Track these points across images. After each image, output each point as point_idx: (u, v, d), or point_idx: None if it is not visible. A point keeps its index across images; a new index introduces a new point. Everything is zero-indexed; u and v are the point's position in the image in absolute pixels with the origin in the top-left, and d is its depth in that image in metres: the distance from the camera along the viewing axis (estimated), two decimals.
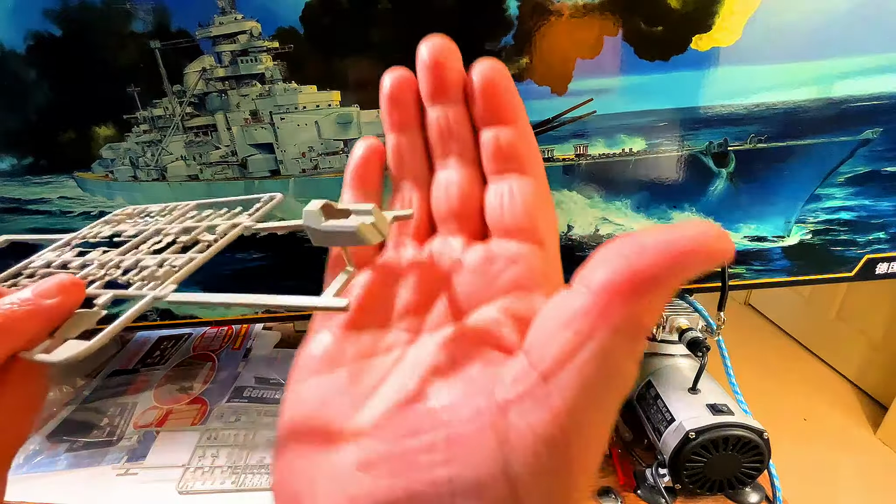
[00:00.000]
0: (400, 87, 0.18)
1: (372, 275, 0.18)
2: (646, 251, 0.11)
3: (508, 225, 0.17)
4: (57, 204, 0.47)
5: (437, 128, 0.18)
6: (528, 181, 0.17)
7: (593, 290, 0.12)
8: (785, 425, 1.44)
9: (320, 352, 0.17)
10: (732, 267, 0.49)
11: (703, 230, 0.11)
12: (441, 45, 0.17)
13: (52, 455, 0.53)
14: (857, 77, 0.41)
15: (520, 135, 0.17)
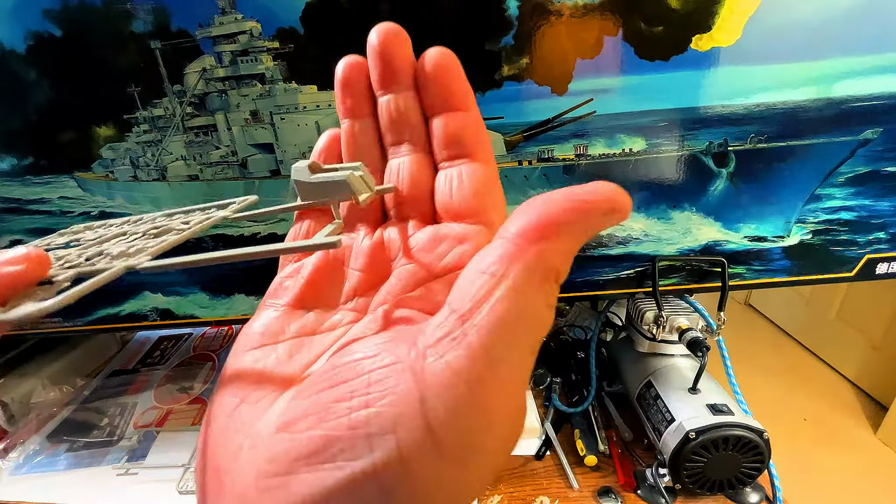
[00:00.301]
0: (352, 72, 0.18)
1: (322, 257, 0.19)
2: (551, 202, 0.13)
3: (457, 208, 0.17)
4: (57, 204, 0.47)
5: (387, 114, 0.18)
6: (477, 166, 0.17)
7: (506, 237, 0.13)
8: (785, 425, 1.44)
9: (262, 327, 0.17)
10: (732, 267, 0.49)
11: (601, 186, 0.13)
12: (390, 30, 0.17)
13: (52, 455, 0.53)
14: (857, 77, 0.41)
15: (469, 121, 0.17)
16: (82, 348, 0.67)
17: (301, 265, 0.19)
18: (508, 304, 0.12)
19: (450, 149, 0.18)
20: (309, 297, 0.18)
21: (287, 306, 0.18)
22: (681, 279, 0.50)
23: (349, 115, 0.19)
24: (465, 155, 0.17)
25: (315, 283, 0.18)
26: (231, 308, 0.52)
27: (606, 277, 0.50)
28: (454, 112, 0.17)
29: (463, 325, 0.12)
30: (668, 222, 0.47)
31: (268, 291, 0.19)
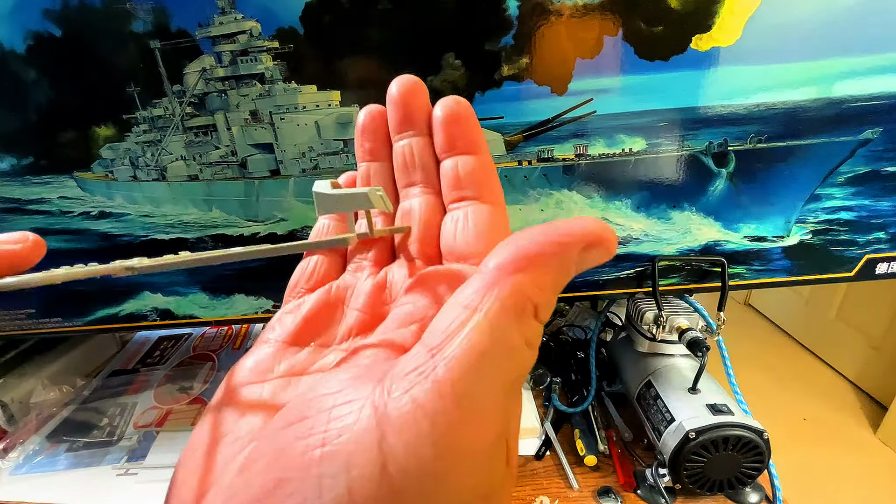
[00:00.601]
0: (373, 119, 0.20)
1: (323, 294, 0.19)
2: (530, 235, 0.13)
3: (460, 249, 0.17)
4: (57, 204, 0.47)
5: (401, 157, 0.19)
6: (484, 208, 0.18)
7: (483, 271, 0.13)
8: (785, 425, 1.44)
9: (253, 364, 0.17)
10: (732, 267, 0.49)
11: (583, 221, 0.13)
12: (409, 82, 0.18)
13: (52, 455, 0.53)
14: (857, 77, 0.41)
15: (479, 164, 0.18)
16: (82, 348, 0.67)
17: (302, 301, 0.19)
18: (480, 337, 0.12)
19: (458, 190, 0.18)
20: (305, 335, 0.18)
21: (282, 342, 0.17)
22: (681, 279, 0.50)
23: (368, 158, 0.20)
24: (473, 197, 0.18)
25: (312, 321, 0.18)
26: (231, 308, 0.52)
27: (606, 277, 0.50)
28: (464, 155, 0.18)
29: (433, 358, 0.12)
30: (668, 222, 0.47)
31: (267, 325, 0.19)
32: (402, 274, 0.18)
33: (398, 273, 0.18)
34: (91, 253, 0.49)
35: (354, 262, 0.20)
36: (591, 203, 0.46)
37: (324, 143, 0.45)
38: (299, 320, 0.18)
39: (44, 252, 0.15)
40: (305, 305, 0.18)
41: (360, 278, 0.19)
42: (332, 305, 0.18)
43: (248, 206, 0.47)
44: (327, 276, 0.20)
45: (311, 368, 0.16)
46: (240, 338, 0.72)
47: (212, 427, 0.15)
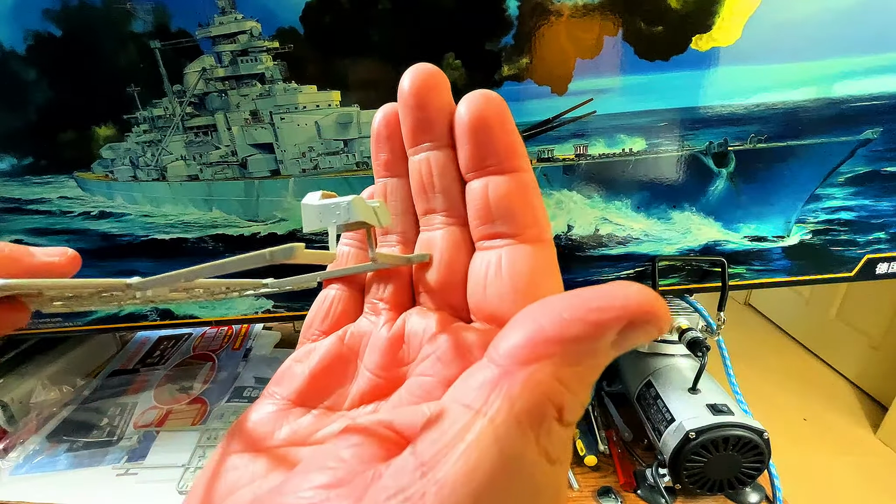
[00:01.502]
0: (388, 124, 0.15)
1: (335, 345, 0.16)
2: (553, 310, 0.10)
3: (492, 306, 0.13)
4: (57, 204, 0.47)
5: (418, 177, 0.15)
6: (524, 250, 0.13)
7: (493, 359, 0.10)
8: (785, 425, 1.44)
9: (253, 425, 0.15)
10: (732, 267, 0.49)
11: (627, 291, 0.09)
12: (425, 74, 0.14)
13: (52, 455, 0.53)
14: (857, 77, 0.41)
15: (516, 187, 0.13)
16: (82, 348, 0.67)
17: (313, 348, 0.16)
18: (482, 454, 0.09)
19: (489, 224, 0.14)
20: (312, 395, 0.15)
21: (286, 400, 0.15)
22: (681, 279, 0.50)
23: (385, 174, 0.16)
24: (509, 234, 0.14)
25: (321, 378, 0.15)
26: (231, 308, 0.52)
27: (606, 277, 0.50)
28: (497, 176, 0.14)
29: (422, 479, 0.09)
30: (668, 222, 0.47)
31: (275, 375, 0.16)
32: (421, 326, 0.15)
33: (417, 324, 0.15)
34: (91, 253, 0.49)
35: (371, 301, 0.16)
36: (591, 203, 0.46)
37: (324, 143, 0.45)
38: (307, 376, 0.15)
39: (79, 266, 0.15)
40: (315, 356, 0.16)
41: (377, 325, 0.16)
42: (345, 359, 0.15)
43: (248, 206, 0.47)
44: (344, 316, 0.17)
45: (315, 437, 0.14)
46: (240, 338, 0.72)
47: (205, 492, 0.14)
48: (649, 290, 0.10)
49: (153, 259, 0.49)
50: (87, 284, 0.12)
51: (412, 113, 0.14)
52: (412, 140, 0.15)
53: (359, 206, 0.13)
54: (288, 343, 0.72)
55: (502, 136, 0.13)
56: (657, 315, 0.09)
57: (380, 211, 0.14)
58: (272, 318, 0.57)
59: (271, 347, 0.71)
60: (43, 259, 0.15)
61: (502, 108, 0.13)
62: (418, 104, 0.14)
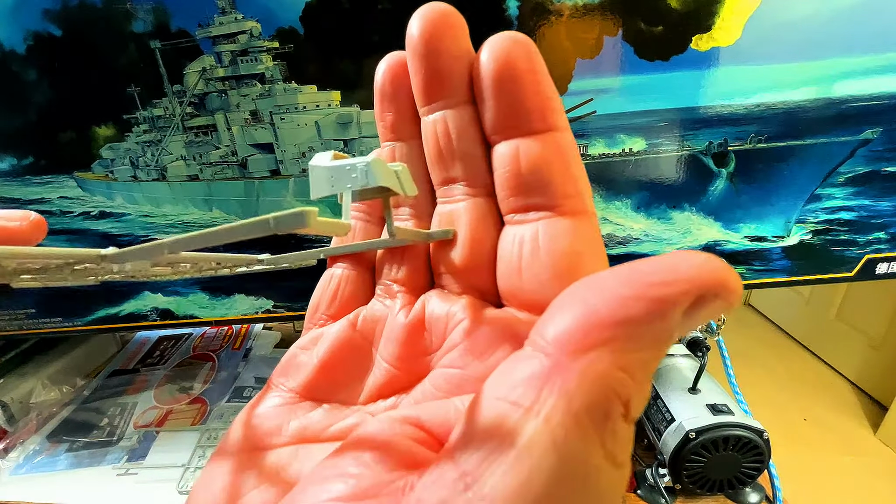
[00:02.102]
0: (395, 78, 0.13)
1: (346, 330, 0.14)
2: (607, 287, 0.08)
3: (527, 293, 0.12)
4: (57, 204, 0.47)
5: (433, 140, 0.13)
6: (564, 223, 0.11)
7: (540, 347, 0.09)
8: (785, 425, 1.44)
9: (259, 419, 0.13)
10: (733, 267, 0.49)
11: (694, 260, 0.08)
12: (438, 13, 0.12)
13: (52, 455, 0.53)
14: (857, 77, 0.41)
15: (553, 149, 0.11)
16: (82, 348, 0.67)
17: (321, 334, 0.14)
18: (537, 462, 0.07)
19: (521, 196, 0.12)
20: (321, 387, 0.14)
21: (294, 393, 0.14)
22: None
23: (392, 136, 0.14)
24: (545, 206, 0.11)
25: (329, 369, 0.14)
26: (231, 308, 0.52)
27: None
28: (529, 136, 0.11)
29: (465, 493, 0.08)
30: (668, 222, 0.47)
31: (279, 363, 0.15)
32: (444, 310, 0.13)
33: (440, 308, 0.13)
34: None
35: (383, 283, 0.14)
36: None
37: (324, 143, 0.45)
38: (316, 366, 0.14)
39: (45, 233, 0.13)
40: (324, 344, 0.14)
41: (392, 310, 0.14)
42: (357, 347, 0.14)
43: (248, 206, 0.47)
44: (353, 298, 0.15)
45: (328, 433, 0.13)
46: (240, 338, 0.72)
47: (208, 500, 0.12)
48: (718, 258, 0.08)
49: None
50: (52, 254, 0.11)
51: (424, 63, 0.12)
52: (425, 97, 0.13)
53: (379, 168, 0.11)
54: (288, 343, 0.72)
55: (534, 88, 0.11)
56: (729, 287, 0.08)
57: (402, 175, 0.12)
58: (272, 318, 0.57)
59: (271, 347, 0.71)
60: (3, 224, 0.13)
61: (533, 54, 0.11)
62: (430, 52, 0.12)
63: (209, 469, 0.13)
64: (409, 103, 0.13)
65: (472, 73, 0.12)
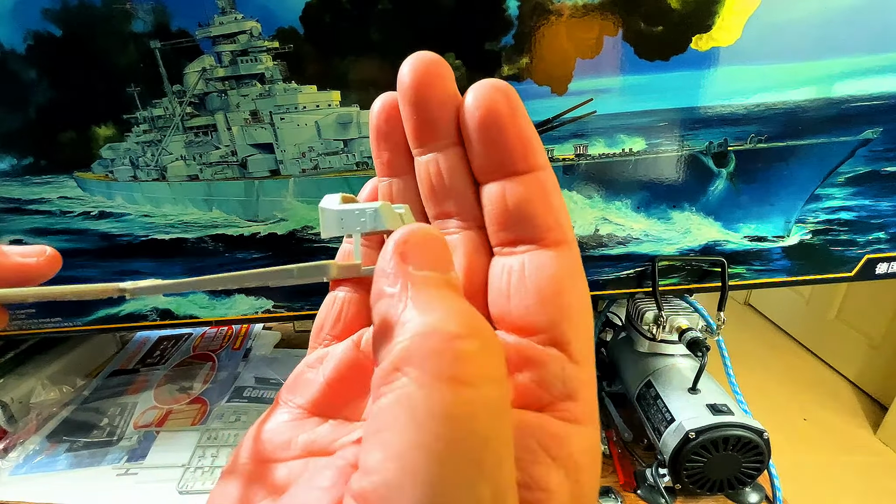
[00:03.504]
0: (389, 119, 0.14)
1: (351, 351, 0.15)
2: None
3: (515, 318, 0.13)
4: (57, 204, 0.47)
5: (426, 179, 0.14)
6: (548, 256, 0.13)
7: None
8: (785, 425, 1.44)
9: (269, 434, 0.14)
10: (732, 267, 0.49)
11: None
12: (425, 64, 0.13)
13: (52, 455, 0.53)
14: (857, 77, 0.41)
15: (536, 188, 0.13)
16: (82, 348, 0.67)
17: (326, 354, 0.15)
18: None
19: (507, 230, 0.13)
20: (327, 404, 0.15)
21: (302, 409, 0.15)
22: (681, 279, 0.50)
23: (388, 172, 0.15)
24: (530, 239, 0.13)
25: (335, 387, 0.15)
26: (231, 308, 0.52)
27: (606, 277, 0.50)
28: (514, 177, 0.13)
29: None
30: (668, 222, 0.47)
31: (287, 381, 0.16)
32: None
33: None
34: (91, 253, 0.49)
35: None
36: (591, 203, 0.46)
37: (324, 143, 0.45)
38: (323, 384, 0.15)
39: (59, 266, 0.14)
40: (329, 363, 0.15)
41: None
42: (361, 366, 0.15)
43: (248, 206, 0.47)
44: (356, 319, 0.16)
45: (334, 446, 0.14)
46: (240, 338, 0.72)
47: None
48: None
49: (153, 259, 0.49)
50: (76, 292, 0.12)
51: (414, 111, 0.13)
52: (417, 141, 0.14)
53: (386, 213, 0.13)
54: (288, 343, 0.72)
55: (516, 133, 0.12)
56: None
57: (406, 218, 0.13)
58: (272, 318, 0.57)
59: (271, 347, 0.71)
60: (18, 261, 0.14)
61: (514, 100, 0.12)
62: (421, 100, 0.13)
63: (223, 481, 0.14)
64: (403, 141, 0.14)
65: (459, 119, 0.13)
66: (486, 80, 0.12)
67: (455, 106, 0.13)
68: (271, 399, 0.59)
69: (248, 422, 0.56)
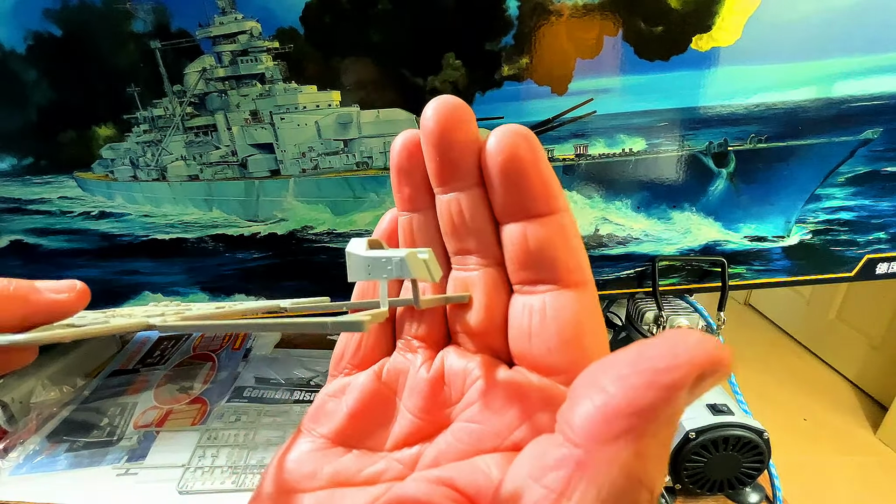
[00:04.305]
0: (410, 157, 0.14)
1: (372, 381, 0.15)
2: (621, 378, 0.09)
3: (537, 357, 0.13)
4: (57, 204, 0.47)
5: (447, 217, 0.14)
6: (568, 296, 0.13)
7: (566, 434, 0.09)
8: (785, 425, 1.44)
9: (294, 464, 0.14)
10: (732, 267, 0.49)
11: (693, 343, 0.09)
12: (449, 110, 0.13)
13: (52, 455, 0.53)
14: (857, 77, 0.41)
15: (557, 230, 0.13)
16: (82, 348, 0.67)
17: (348, 384, 0.16)
18: None
19: (528, 270, 0.13)
20: (351, 434, 0.15)
21: (325, 439, 0.15)
22: (681, 279, 0.50)
23: (409, 207, 0.15)
24: (551, 280, 0.13)
25: (359, 417, 0.15)
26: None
27: (606, 277, 0.50)
28: (535, 219, 0.13)
29: None
30: (668, 222, 0.47)
31: (309, 411, 0.16)
32: (461, 366, 0.14)
33: (457, 363, 0.14)
34: (91, 253, 0.49)
35: (404, 337, 0.16)
36: (591, 203, 0.46)
37: (324, 143, 0.45)
38: (346, 414, 0.15)
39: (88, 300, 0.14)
40: (352, 393, 0.15)
41: (414, 364, 0.15)
42: (383, 397, 0.15)
43: (248, 206, 0.47)
44: (376, 349, 0.16)
45: (360, 477, 0.14)
46: (240, 338, 0.72)
47: None
48: (711, 337, 0.09)
49: (153, 259, 0.49)
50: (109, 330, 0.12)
51: (437, 152, 0.13)
52: (439, 180, 0.14)
53: (413, 262, 0.13)
54: (288, 343, 0.72)
55: (537, 176, 0.13)
56: (724, 363, 0.09)
57: (431, 265, 0.13)
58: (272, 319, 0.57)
59: (271, 347, 0.71)
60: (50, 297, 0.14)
61: (535, 145, 0.13)
62: (444, 143, 0.13)
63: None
64: (424, 178, 0.14)
65: (481, 161, 0.13)
66: (508, 126, 0.13)
67: (477, 148, 0.13)
68: (271, 399, 0.60)
69: (249, 422, 0.56)
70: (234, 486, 0.48)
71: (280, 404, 0.59)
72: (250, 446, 0.52)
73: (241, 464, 0.50)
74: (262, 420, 0.56)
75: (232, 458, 0.51)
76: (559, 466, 0.09)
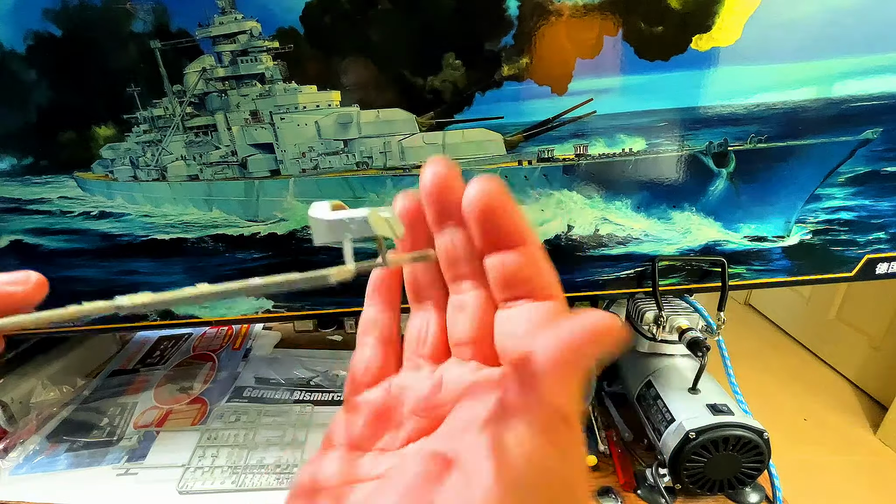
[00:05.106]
0: (412, 211, 0.18)
1: (383, 395, 0.19)
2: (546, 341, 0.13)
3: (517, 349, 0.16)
4: (57, 204, 0.47)
5: (444, 253, 0.18)
6: (542, 306, 0.16)
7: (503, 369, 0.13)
8: (785, 425, 1.44)
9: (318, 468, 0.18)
10: (732, 267, 0.49)
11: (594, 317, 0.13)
12: (443, 173, 0.16)
13: (52, 455, 0.53)
14: (857, 77, 0.41)
15: (526, 259, 0.16)
16: (82, 348, 0.67)
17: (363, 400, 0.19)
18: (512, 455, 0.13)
19: (508, 290, 0.17)
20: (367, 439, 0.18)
21: (346, 446, 0.18)
22: (681, 279, 0.50)
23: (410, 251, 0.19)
24: (524, 295, 0.16)
25: (373, 426, 0.18)
26: (231, 308, 0.52)
27: (606, 277, 0.50)
28: (507, 252, 0.16)
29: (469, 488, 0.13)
30: (668, 222, 0.47)
31: (330, 427, 0.20)
32: (457, 373, 0.18)
33: (454, 372, 0.18)
34: (91, 253, 0.49)
35: (410, 359, 0.20)
36: (591, 203, 0.46)
37: (324, 143, 0.45)
38: (361, 426, 0.19)
39: (46, 292, 0.15)
40: (366, 406, 0.19)
41: (418, 379, 0.19)
42: (392, 409, 0.19)
43: (248, 206, 0.47)
44: (386, 369, 0.20)
45: (374, 472, 0.17)
46: (240, 338, 0.72)
47: None
48: (608, 313, 0.13)
49: (153, 259, 0.49)
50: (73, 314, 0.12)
51: (434, 204, 0.17)
52: (436, 225, 0.17)
53: (375, 220, 0.14)
54: (288, 343, 0.72)
55: (506, 219, 0.16)
56: (612, 331, 0.13)
57: (393, 222, 0.15)
58: (272, 318, 0.57)
59: (271, 347, 0.71)
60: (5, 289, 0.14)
61: (502, 194, 0.15)
62: (438, 197, 0.17)
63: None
64: (425, 227, 0.18)
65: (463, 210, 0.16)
66: (479, 178, 0.15)
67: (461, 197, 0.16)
68: (271, 399, 0.60)
69: (249, 422, 0.56)
70: (234, 486, 0.48)
71: (280, 404, 0.59)
72: (250, 446, 0.52)
73: (241, 464, 0.50)
74: (262, 420, 0.56)
75: (232, 458, 0.51)
76: (497, 388, 0.14)
